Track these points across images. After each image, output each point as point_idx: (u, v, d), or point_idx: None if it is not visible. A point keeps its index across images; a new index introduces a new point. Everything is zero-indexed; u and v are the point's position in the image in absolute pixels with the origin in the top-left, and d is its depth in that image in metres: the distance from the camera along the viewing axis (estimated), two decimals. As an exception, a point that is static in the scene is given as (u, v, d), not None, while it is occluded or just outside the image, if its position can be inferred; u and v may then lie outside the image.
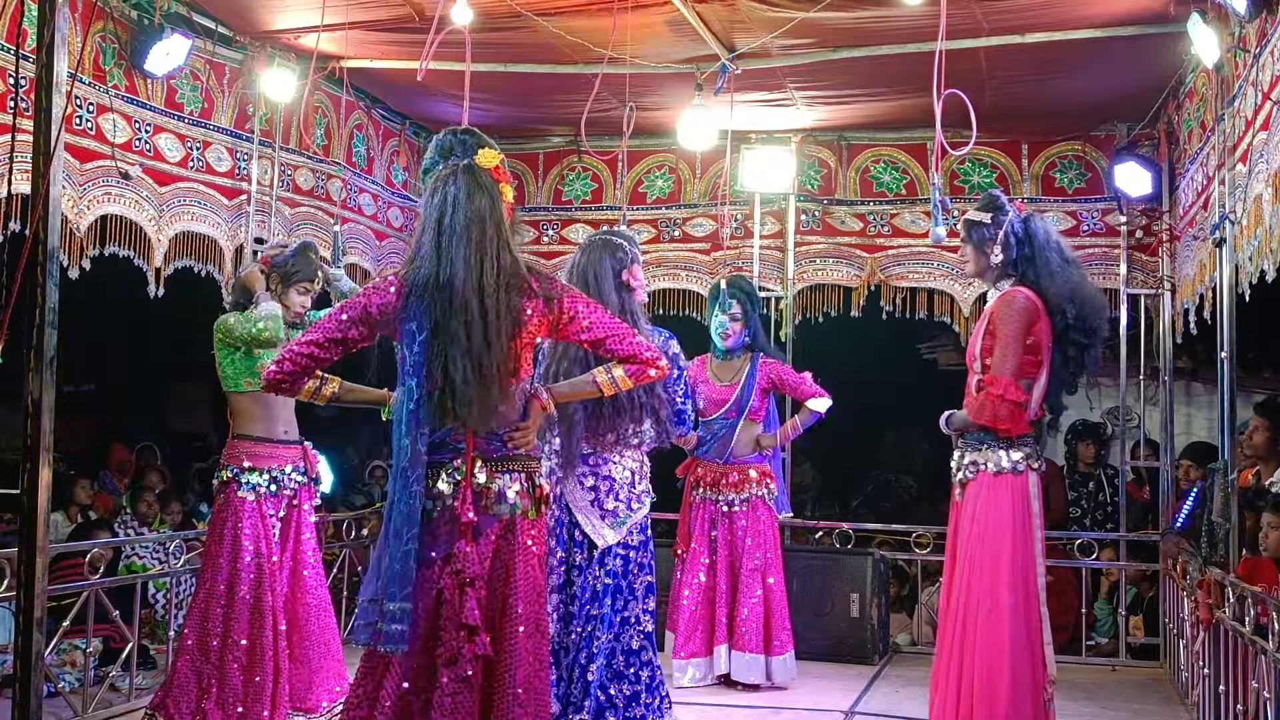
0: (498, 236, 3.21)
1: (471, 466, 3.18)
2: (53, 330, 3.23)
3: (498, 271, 3.17)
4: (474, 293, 3.13)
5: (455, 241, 3.16)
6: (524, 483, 3.25)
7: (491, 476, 3.20)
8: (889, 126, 7.50)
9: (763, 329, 6.43)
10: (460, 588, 3.11)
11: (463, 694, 3.08)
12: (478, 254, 3.16)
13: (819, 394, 6.21)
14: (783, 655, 6.03)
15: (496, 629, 3.16)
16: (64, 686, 5.34)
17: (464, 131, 3.38)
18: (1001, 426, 4.06)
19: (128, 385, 11.16)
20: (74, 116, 5.16)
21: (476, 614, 3.10)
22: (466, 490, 3.16)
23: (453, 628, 3.09)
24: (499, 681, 3.13)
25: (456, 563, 3.12)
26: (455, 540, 3.15)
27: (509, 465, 3.24)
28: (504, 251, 3.21)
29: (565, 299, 3.31)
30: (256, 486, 4.74)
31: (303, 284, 4.89)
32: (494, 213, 3.23)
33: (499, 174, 3.31)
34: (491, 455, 3.22)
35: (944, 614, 4.22)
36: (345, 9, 5.66)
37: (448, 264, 3.14)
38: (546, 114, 7.54)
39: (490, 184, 3.27)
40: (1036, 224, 4.24)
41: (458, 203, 3.20)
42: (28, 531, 3.21)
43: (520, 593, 3.19)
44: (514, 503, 3.21)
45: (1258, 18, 4.55)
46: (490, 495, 3.19)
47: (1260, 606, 4.20)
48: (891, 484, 10.46)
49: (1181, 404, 8.69)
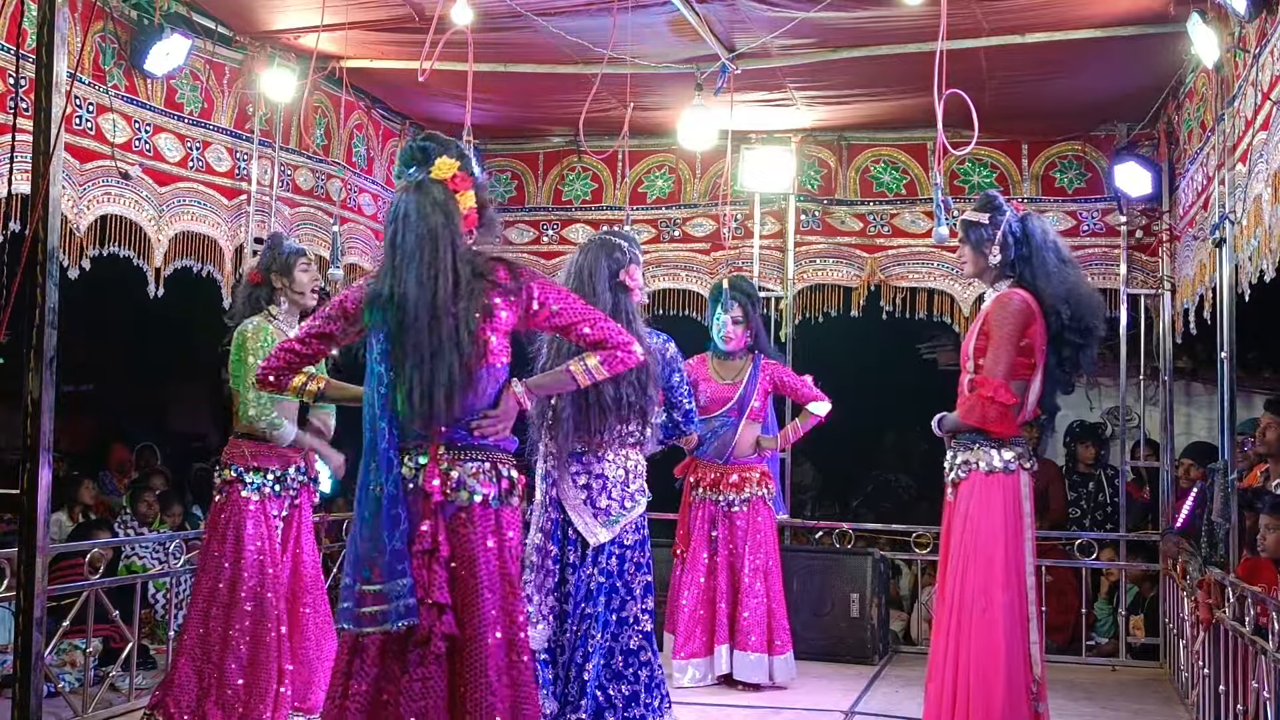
0: (451, 250, 3.24)
1: (436, 452, 3.24)
2: (53, 330, 3.23)
3: (454, 284, 3.21)
4: (426, 311, 3.19)
5: (406, 262, 3.22)
6: (487, 471, 3.28)
7: (453, 464, 3.25)
8: (889, 126, 7.50)
9: (764, 329, 6.43)
10: (428, 566, 3.17)
11: (433, 677, 3.13)
12: (430, 273, 3.20)
13: (819, 397, 6.21)
14: (784, 655, 6.04)
15: (462, 616, 3.19)
16: (64, 686, 5.34)
17: (425, 138, 3.43)
18: (991, 428, 4.07)
19: (128, 385, 11.16)
20: (74, 116, 5.16)
21: (446, 592, 3.16)
22: (433, 473, 3.22)
23: (422, 608, 3.15)
24: (470, 669, 3.16)
25: (422, 542, 3.19)
26: (418, 523, 3.20)
27: (472, 454, 3.28)
28: (460, 264, 3.25)
29: (532, 286, 3.34)
30: (261, 486, 4.74)
31: (297, 260, 4.89)
32: (446, 228, 3.26)
33: (456, 183, 3.33)
34: (456, 443, 3.27)
35: (938, 612, 4.22)
36: (345, 9, 5.66)
37: (400, 283, 3.21)
38: (546, 114, 7.54)
39: (444, 197, 3.29)
40: (1034, 223, 4.24)
41: (408, 221, 3.25)
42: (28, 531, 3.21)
43: (484, 579, 3.21)
44: (473, 490, 3.24)
45: (1258, 18, 4.56)
46: (450, 482, 3.24)
47: (1260, 606, 4.20)
48: (891, 484, 10.45)
49: (1181, 404, 8.70)
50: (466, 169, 3.37)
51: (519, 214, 8.20)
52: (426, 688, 3.13)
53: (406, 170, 3.36)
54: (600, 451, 4.40)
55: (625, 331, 3.42)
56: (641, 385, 4.32)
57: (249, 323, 4.80)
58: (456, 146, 3.42)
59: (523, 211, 8.21)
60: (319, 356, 3.49)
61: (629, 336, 3.41)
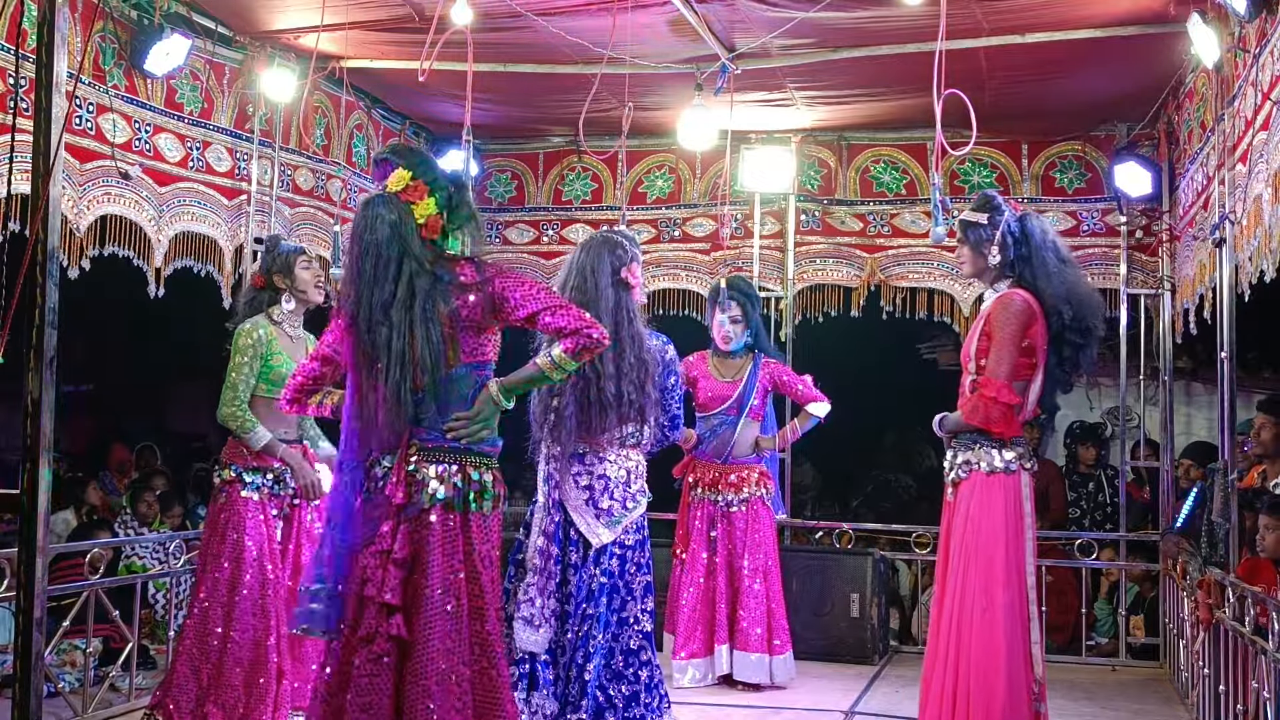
0: (398, 262, 3.27)
1: (406, 454, 3.26)
2: (53, 330, 3.23)
3: (410, 293, 3.24)
4: (381, 322, 3.23)
5: (359, 277, 3.27)
6: (453, 474, 3.28)
7: (420, 465, 3.27)
8: (889, 126, 7.50)
9: (764, 329, 6.42)
10: (383, 566, 3.19)
11: (380, 674, 3.15)
12: (379, 285, 3.25)
13: (819, 398, 6.21)
14: (783, 655, 6.04)
15: (412, 618, 3.20)
16: (64, 686, 5.34)
17: (383, 151, 3.49)
18: (994, 429, 4.07)
19: (128, 385, 11.16)
20: (74, 116, 5.16)
21: (397, 594, 3.18)
22: (400, 474, 3.24)
23: (373, 607, 3.18)
24: (411, 672, 3.17)
25: (380, 543, 3.21)
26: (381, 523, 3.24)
27: (440, 456, 3.29)
28: (416, 276, 3.27)
29: (496, 281, 3.34)
30: (260, 486, 4.74)
31: (297, 259, 4.89)
32: (393, 241, 3.27)
33: (409, 194, 3.35)
34: (427, 445, 3.29)
35: (937, 613, 4.22)
36: (345, 9, 5.66)
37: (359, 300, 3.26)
38: (546, 114, 7.54)
39: (394, 211, 3.31)
40: (1033, 223, 4.23)
41: (359, 237, 3.31)
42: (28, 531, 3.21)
43: (434, 583, 3.21)
44: (434, 491, 3.25)
45: (1258, 18, 4.55)
46: (413, 483, 3.26)
47: (1260, 607, 4.20)
48: (891, 484, 10.44)
49: (1181, 404, 8.70)
50: (423, 177, 3.37)
51: (519, 214, 8.21)
52: (373, 684, 3.15)
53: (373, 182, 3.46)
54: (602, 452, 4.40)
55: (586, 315, 3.38)
56: (640, 383, 4.32)
57: (245, 323, 4.80)
58: (414, 155, 3.44)
59: (523, 211, 8.21)
60: (336, 375, 3.60)
61: (591, 319, 3.38)
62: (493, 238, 8.16)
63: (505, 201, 8.22)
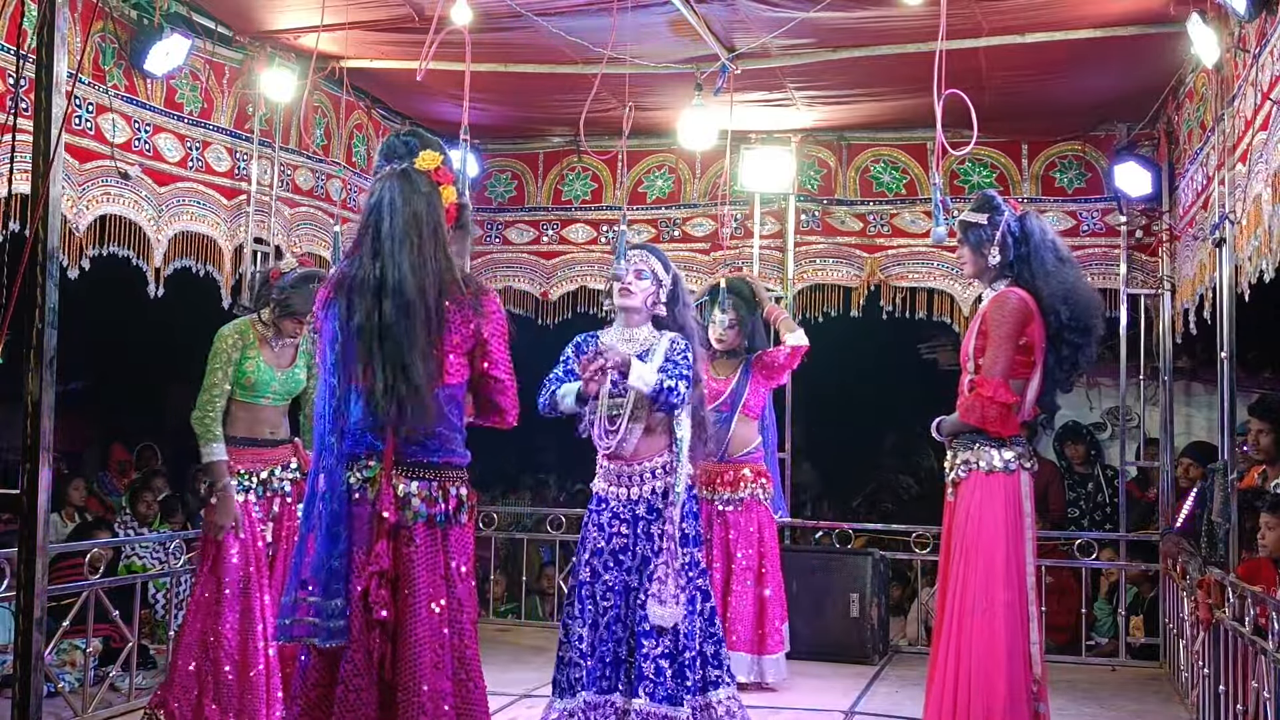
0: (434, 240, 3.21)
1: (389, 469, 3.19)
2: (53, 330, 3.22)
3: (436, 275, 3.17)
4: (416, 294, 3.13)
5: (397, 247, 3.15)
6: (434, 490, 3.22)
7: (400, 480, 3.20)
8: (889, 126, 7.50)
9: (762, 330, 6.38)
10: (381, 585, 3.12)
11: (364, 689, 3.11)
12: (419, 257, 3.16)
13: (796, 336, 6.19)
14: (774, 655, 6.00)
15: (398, 634, 3.15)
16: (64, 686, 5.34)
17: (408, 133, 3.38)
18: (990, 427, 4.07)
19: (128, 385, 11.15)
20: (74, 116, 5.17)
21: (391, 611, 3.13)
22: (386, 490, 3.16)
23: (364, 625, 3.12)
24: (403, 689, 3.12)
25: (378, 561, 3.13)
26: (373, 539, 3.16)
27: (420, 472, 3.22)
28: (440, 254, 3.21)
29: (487, 323, 3.25)
30: (250, 488, 4.74)
31: (289, 321, 4.84)
32: (429, 216, 3.21)
33: (439, 175, 3.29)
34: (406, 459, 3.21)
35: (940, 613, 4.22)
36: (345, 9, 5.66)
37: (391, 268, 3.14)
38: (546, 114, 7.54)
39: (428, 188, 3.25)
40: (1032, 223, 4.23)
41: (394, 207, 3.19)
42: (28, 531, 3.20)
43: (421, 599, 3.16)
44: (417, 510, 3.20)
45: (1257, 18, 4.56)
46: (400, 501, 3.19)
47: (1260, 607, 4.20)
48: (892, 484, 10.46)
49: (1181, 404, 8.70)
50: (449, 165, 3.34)
51: (519, 214, 8.20)
52: (360, 699, 3.11)
53: (388, 163, 3.30)
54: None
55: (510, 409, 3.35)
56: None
57: (225, 326, 4.78)
58: (439, 144, 3.39)
59: (522, 211, 8.21)
60: None
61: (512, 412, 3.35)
62: (493, 238, 8.16)
63: (505, 201, 8.22)
